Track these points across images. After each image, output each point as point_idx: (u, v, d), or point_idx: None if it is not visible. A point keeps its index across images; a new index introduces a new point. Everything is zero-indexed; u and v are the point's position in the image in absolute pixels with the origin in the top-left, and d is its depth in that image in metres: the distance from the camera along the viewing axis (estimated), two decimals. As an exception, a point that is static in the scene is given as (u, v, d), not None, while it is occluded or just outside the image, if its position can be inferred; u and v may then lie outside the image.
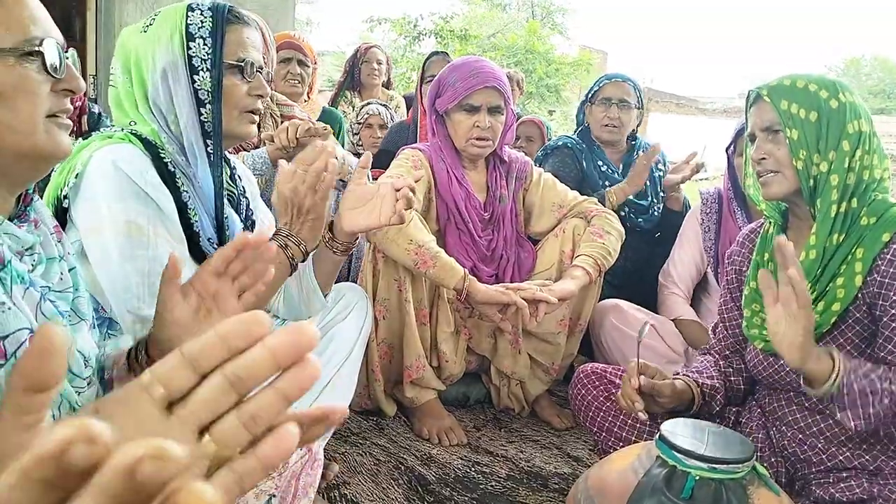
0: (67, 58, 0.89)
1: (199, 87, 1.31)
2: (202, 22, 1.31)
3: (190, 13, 1.31)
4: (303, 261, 1.41)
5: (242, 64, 1.34)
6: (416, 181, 1.48)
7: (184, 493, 0.30)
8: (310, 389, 0.40)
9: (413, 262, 1.89)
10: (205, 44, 1.30)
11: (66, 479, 0.30)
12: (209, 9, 1.32)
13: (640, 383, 1.39)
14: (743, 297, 1.55)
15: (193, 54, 1.30)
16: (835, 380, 1.20)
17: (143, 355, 0.99)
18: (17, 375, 0.37)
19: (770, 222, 1.53)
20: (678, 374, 1.55)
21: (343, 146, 2.83)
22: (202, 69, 1.30)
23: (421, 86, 3.16)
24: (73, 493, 0.30)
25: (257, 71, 1.37)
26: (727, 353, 1.62)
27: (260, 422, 0.40)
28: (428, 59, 3.28)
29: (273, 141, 2.15)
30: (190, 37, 1.30)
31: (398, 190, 1.45)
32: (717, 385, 1.53)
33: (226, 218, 1.38)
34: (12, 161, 0.87)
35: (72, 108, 0.92)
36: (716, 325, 1.69)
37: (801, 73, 1.41)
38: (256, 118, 1.40)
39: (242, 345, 0.39)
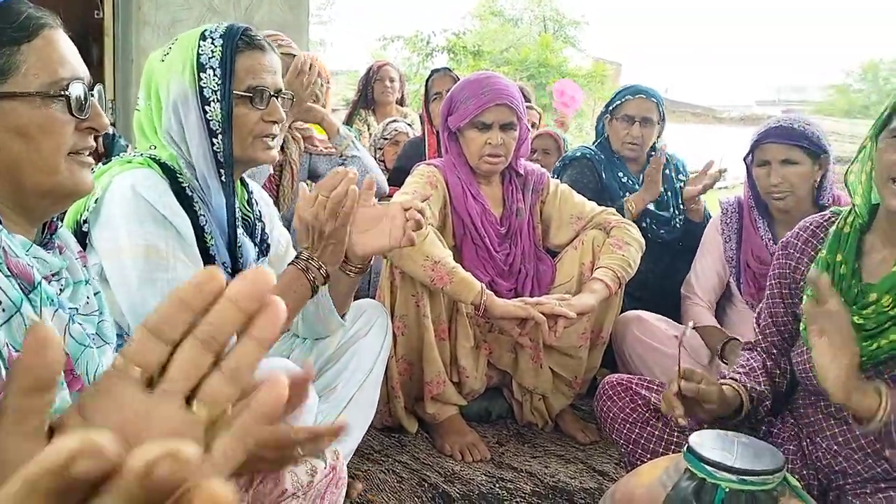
0: (93, 95, 0.90)
1: (210, 118, 1.30)
2: (213, 52, 1.30)
3: (202, 42, 1.31)
4: (323, 283, 1.41)
5: (252, 94, 1.32)
6: (424, 201, 1.47)
7: (198, 492, 0.30)
8: (280, 328, 0.40)
9: (429, 279, 1.88)
10: (215, 74, 1.29)
11: (71, 489, 0.30)
12: (221, 36, 1.31)
13: (679, 388, 1.35)
14: (804, 299, 1.44)
15: (204, 85, 1.29)
16: (881, 417, 1.15)
17: None
18: (16, 375, 0.36)
19: (846, 220, 1.41)
20: (725, 376, 1.50)
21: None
22: (213, 100, 1.30)
23: (426, 104, 3.14)
24: (80, 502, 0.31)
25: (273, 95, 1.35)
26: (773, 351, 1.57)
27: (243, 373, 0.40)
28: (431, 76, 3.22)
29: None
30: (201, 67, 1.30)
31: (407, 210, 1.45)
32: (766, 391, 1.48)
33: (239, 247, 1.38)
34: (34, 197, 0.88)
35: (94, 145, 0.93)
36: (759, 315, 1.61)
37: None
38: (272, 143, 1.39)
39: (203, 303, 0.39)
